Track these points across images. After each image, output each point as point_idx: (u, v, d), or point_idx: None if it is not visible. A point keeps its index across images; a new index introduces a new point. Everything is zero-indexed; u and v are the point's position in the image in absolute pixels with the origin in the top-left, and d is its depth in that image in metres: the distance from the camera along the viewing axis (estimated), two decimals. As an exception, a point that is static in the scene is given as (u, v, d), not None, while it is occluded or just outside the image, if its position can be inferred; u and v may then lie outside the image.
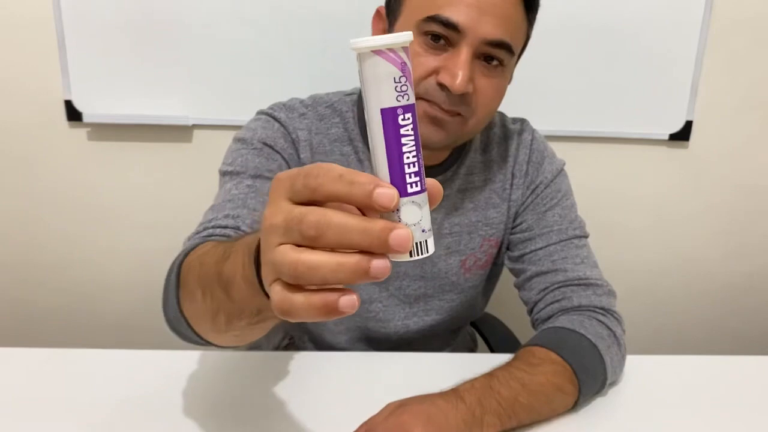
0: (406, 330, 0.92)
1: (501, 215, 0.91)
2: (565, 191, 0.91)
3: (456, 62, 0.71)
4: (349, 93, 0.89)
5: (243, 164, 0.79)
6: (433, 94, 0.73)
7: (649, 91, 1.38)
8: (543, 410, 0.73)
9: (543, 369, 0.73)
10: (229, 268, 0.50)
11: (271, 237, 0.37)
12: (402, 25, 0.76)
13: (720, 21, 1.34)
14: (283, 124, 0.83)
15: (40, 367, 0.82)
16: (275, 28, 1.28)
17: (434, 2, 0.72)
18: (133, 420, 0.72)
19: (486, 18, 0.71)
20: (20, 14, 1.26)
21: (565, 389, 0.73)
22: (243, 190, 0.76)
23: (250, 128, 0.83)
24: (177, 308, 0.60)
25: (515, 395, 0.70)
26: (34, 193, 1.40)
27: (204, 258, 0.57)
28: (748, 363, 0.89)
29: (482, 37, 0.71)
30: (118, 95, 1.31)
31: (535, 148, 0.91)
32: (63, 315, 1.50)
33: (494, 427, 0.68)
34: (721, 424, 0.76)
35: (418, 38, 0.73)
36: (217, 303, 0.53)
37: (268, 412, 0.74)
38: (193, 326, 0.59)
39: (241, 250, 0.48)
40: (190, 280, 0.58)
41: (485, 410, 0.67)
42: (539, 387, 0.72)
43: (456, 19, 0.70)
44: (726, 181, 1.49)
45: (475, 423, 0.66)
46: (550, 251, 0.87)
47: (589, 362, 0.76)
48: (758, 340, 1.65)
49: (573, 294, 0.84)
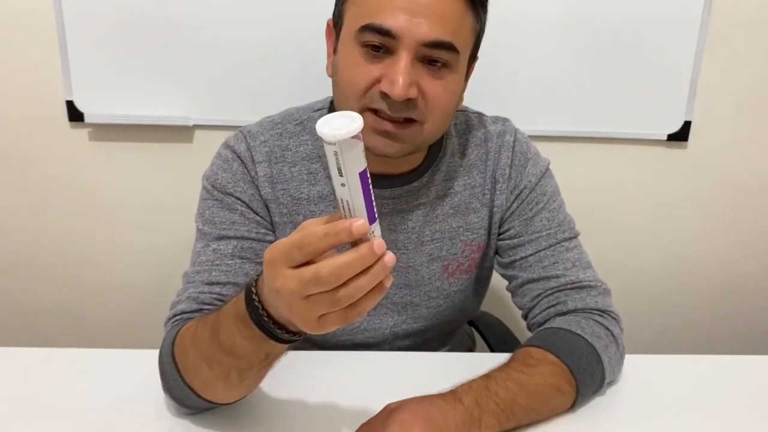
0: (396, 337, 0.93)
1: (482, 220, 0.90)
2: (551, 193, 0.89)
3: (395, 68, 0.70)
4: (318, 109, 0.88)
5: (210, 220, 0.83)
6: (377, 102, 0.72)
7: (647, 91, 1.38)
8: (541, 411, 0.73)
9: (540, 370, 0.73)
10: (226, 338, 0.61)
11: (296, 299, 0.49)
12: (344, 36, 0.75)
13: (719, 21, 1.34)
14: (244, 160, 0.84)
15: (40, 367, 0.82)
16: (276, 28, 1.28)
17: (368, 11, 0.71)
18: (133, 420, 0.72)
19: (420, 20, 0.69)
20: (21, 14, 1.27)
21: (562, 389, 0.73)
22: (209, 257, 0.81)
23: (214, 170, 0.85)
24: (184, 385, 0.67)
25: (513, 396, 0.70)
26: (36, 193, 1.40)
27: (195, 339, 0.66)
28: (748, 363, 0.89)
29: (419, 40, 0.70)
30: (120, 96, 1.31)
31: (518, 150, 0.89)
32: (63, 315, 1.51)
33: (492, 428, 0.68)
34: (720, 424, 0.76)
35: (357, 48, 0.72)
36: (226, 366, 0.63)
37: (267, 411, 0.74)
38: (202, 395, 0.67)
39: (229, 320, 0.60)
40: (190, 360, 0.67)
41: (483, 411, 0.68)
42: (537, 388, 0.72)
43: (389, 24, 0.69)
44: (724, 182, 1.50)
45: (474, 423, 0.67)
46: (540, 257, 0.86)
47: (587, 362, 0.76)
48: (758, 340, 1.65)
49: (567, 298, 0.84)
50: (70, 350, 0.85)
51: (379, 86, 0.72)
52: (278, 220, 0.85)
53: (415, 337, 0.94)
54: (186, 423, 0.72)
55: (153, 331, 0.88)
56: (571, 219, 0.90)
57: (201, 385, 0.67)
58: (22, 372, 0.81)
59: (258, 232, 0.83)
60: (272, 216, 0.85)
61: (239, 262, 0.80)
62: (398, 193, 0.85)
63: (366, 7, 0.72)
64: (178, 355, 0.68)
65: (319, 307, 0.49)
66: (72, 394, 0.76)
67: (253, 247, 0.82)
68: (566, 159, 1.43)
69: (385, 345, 0.93)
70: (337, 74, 0.76)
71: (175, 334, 0.71)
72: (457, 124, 0.90)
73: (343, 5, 0.76)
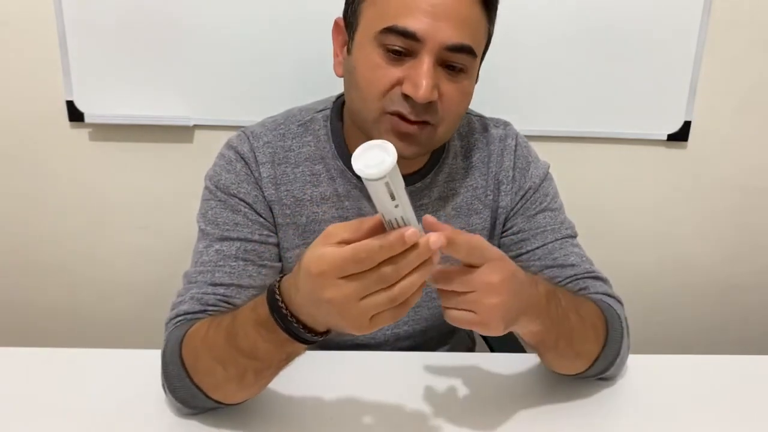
0: (397, 338, 0.93)
1: (484, 221, 0.90)
2: (552, 194, 0.91)
3: (419, 71, 0.70)
4: (321, 109, 0.88)
5: (213, 220, 0.82)
6: (398, 105, 0.72)
7: (647, 92, 1.38)
8: (574, 343, 0.73)
9: (590, 312, 0.75)
10: (245, 341, 0.62)
11: (351, 303, 0.52)
12: (361, 37, 0.74)
13: (719, 21, 1.34)
14: (247, 161, 0.84)
15: (40, 367, 0.82)
16: (276, 28, 1.28)
17: (390, 13, 0.70)
18: (133, 420, 0.72)
19: (443, 23, 0.70)
20: (21, 14, 1.27)
21: (598, 338, 0.75)
22: (212, 258, 0.80)
23: (217, 170, 0.85)
24: (192, 385, 0.68)
25: (568, 312, 0.71)
26: (36, 194, 1.40)
27: (207, 342, 0.67)
28: (748, 363, 0.89)
29: (442, 43, 0.70)
30: (120, 96, 1.31)
31: (520, 153, 0.90)
32: (63, 315, 1.51)
33: (545, 328, 0.68)
34: (720, 424, 0.76)
35: (378, 50, 0.72)
36: (242, 367, 0.64)
37: (267, 411, 0.74)
38: (211, 395, 0.68)
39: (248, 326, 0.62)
40: (202, 361, 0.67)
41: (549, 301, 0.68)
42: (583, 321, 0.73)
43: (414, 27, 0.69)
44: (724, 182, 1.50)
45: (542, 309, 0.67)
46: (549, 249, 0.87)
47: (615, 333, 0.77)
48: (758, 340, 1.65)
49: (588, 285, 0.84)
50: (70, 350, 0.85)
51: (400, 88, 0.72)
52: (281, 222, 0.85)
53: (416, 338, 0.94)
54: (186, 423, 0.72)
55: (153, 331, 0.89)
56: (571, 221, 0.92)
57: (212, 386, 0.67)
58: (22, 372, 0.81)
59: (261, 234, 0.83)
60: (275, 217, 0.85)
61: (242, 263, 0.80)
62: None
63: (387, 9, 0.71)
64: (186, 357, 0.68)
65: (374, 308, 0.53)
66: (72, 394, 0.76)
67: (255, 249, 0.82)
68: (566, 159, 1.43)
69: (386, 346, 0.93)
70: (353, 75, 0.75)
71: (182, 335, 0.71)
72: (460, 127, 0.90)
73: (359, 5, 0.75)
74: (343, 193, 0.85)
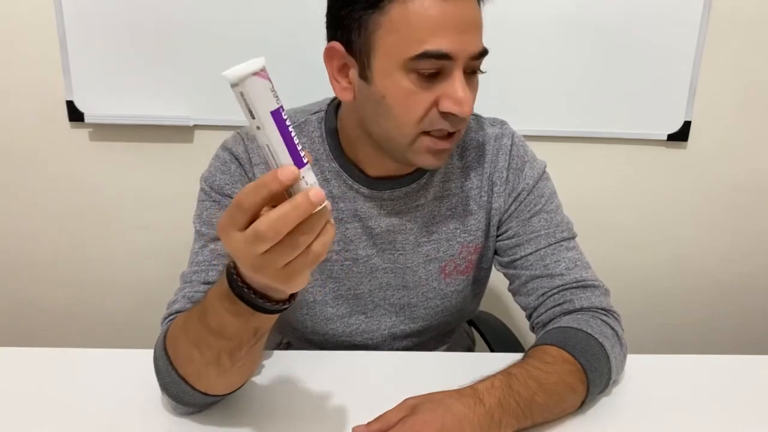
0: (394, 337, 0.93)
1: (479, 222, 0.90)
2: (548, 195, 0.90)
3: (455, 87, 0.71)
4: (316, 111, 0.87)
5: (207, 221, 0.83)
6: (438, 124, 0.73)
7: (647, 92, 1.38)
8: (555, 410, 0.73)
9: (557, 368, 0.73)
10: (214, 319, 0.61)
11: (251, 259, 0.51)
12: (383, 65, 0.72)
13: (719, 21, 1.34)
14: (242, 162, 0.84)
15: (40, 367, 0.82)
16: (276, 29, 1.28)
17: (419, 38, 0.69)
18: (133, 420, 0.72)
19: (468, 36, 0.71)
20: (22, 14, 1.27)
21: (576, 389, 0.74)
22: (206, 257, 0.81)
23: (212, 171, 0.85)
24: (177, 377, 0.67)
25: (533, 395, 0.70)
26: (36, 194, 1.40)
27: (184, 327, 0.67)
28: (748, 363, 0.89)
29: (469, 55, 0.71)
30: (120, 96, 1.32)
31: (515, 153, 0.89)
32: (63, 315, 1.51)
33: (511, 428, 0.68)
34: (720, 424, 0.76)
35: (409, 75, 0.71)
36: (216, 349, 0.63)
37: (267, 411, 0.74)
38: (195, 385, 0.67)
39: (215, 300, 0.60)
40: (181, 348, 0.67)
41: (504, 411, 0.67)
42: (554, 386, 0.72)
43: (446, 48, 0.69)
44: (724, 182, 1.50)
45: (494, 426, 0.66)
46: (541, 255, 0.86)
47: (597, 362, 0.76)
48: (758, 340, 1.65)
49: (573, 297, 0.84)
50: (70, 350, 0.85)
51: (438, 108, 0.72)
52: None
53: (413, 338, 0.94)
54: (186, 423, 0.72)
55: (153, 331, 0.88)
56: (569, 221, 0.90)
57: (193, 374, 0.67)
58: (22, 372, 0.81)
59: None
60: None
61: None
62: (397, 194, 0.85)
63: (415, 34, 0.69)
64: (169, 347, 0.68)
65: (275, 261, 0.50)
66: (72, 394, 0.76)
67: None
68: (566, 159, 1.43)
69: (383, 346, 0.93)
70: (382, 105, 0.73)
71: (167, 329, 0.71)
72: None
73: (372, 34, 0.71)
74: (338, 195, 0.85)
